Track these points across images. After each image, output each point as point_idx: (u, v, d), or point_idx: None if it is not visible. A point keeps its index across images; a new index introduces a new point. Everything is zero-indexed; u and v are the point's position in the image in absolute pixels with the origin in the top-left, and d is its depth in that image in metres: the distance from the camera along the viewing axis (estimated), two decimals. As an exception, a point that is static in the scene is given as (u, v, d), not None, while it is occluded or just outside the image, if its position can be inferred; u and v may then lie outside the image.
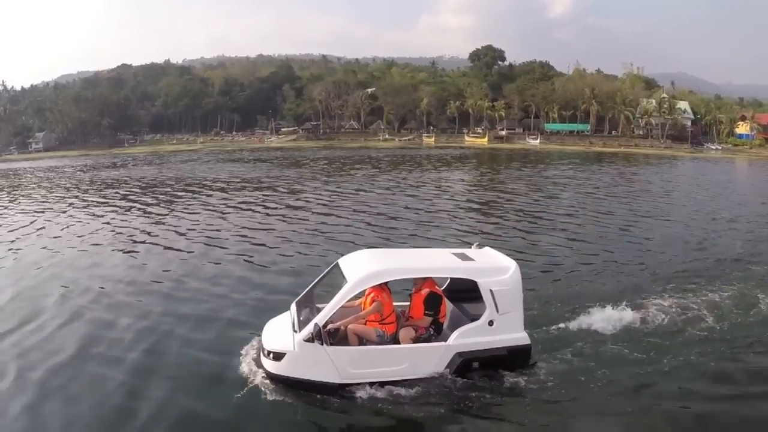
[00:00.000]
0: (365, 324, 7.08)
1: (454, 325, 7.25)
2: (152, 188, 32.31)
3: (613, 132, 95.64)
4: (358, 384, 6.72)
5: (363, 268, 7.18)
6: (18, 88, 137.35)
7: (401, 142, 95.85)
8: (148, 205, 24.67)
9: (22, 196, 30.88)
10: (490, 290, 6.99)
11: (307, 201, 24.74)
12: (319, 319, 6.66)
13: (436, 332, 7.20)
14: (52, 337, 8.81)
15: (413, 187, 30.30)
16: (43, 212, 23.15)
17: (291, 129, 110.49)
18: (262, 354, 7.16)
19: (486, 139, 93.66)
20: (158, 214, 21.64)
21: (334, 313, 6.86)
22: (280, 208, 22.54)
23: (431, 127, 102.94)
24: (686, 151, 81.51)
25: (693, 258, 13.54)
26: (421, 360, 6.90)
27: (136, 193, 29.98)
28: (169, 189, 31.56)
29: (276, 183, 33.30)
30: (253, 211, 21.97)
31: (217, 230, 17.82)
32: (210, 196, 27.54)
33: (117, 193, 30.23)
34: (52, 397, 6.94)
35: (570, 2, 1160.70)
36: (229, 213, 21.48)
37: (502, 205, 23.76)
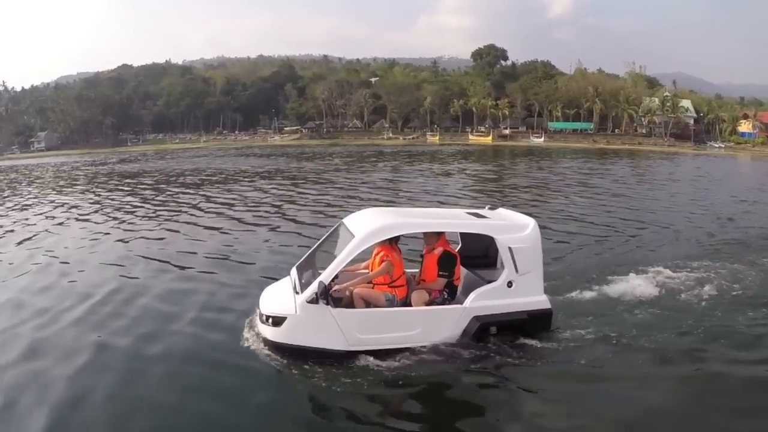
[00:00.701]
0: (373, 288, 6.46)
1: (469, 289, 6.63)
2: (184, 177, 32.95)
3: (616, 130, 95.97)
4: (367, 351, 6.11)
5: (372, 222, 6.60)
6: (18, 88, 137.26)
7: (405, 140, 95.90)
8: (195, 186, 25.76)
9: (53, 188, 29.28)
10: (509, 248, 6.44)
11: (341, 186, 25.91)
12: (324, 276, 6.03)
13: (450, 296, 6.61)
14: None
15: (446, 176, 31.17)
16: (83, 202, 22.13)
17: (294, 128, 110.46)
18: (259, 320, 6.48)
19: (490, 137, 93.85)
20: (213, 196, 22.31)
21: (340, 273, 6.28)
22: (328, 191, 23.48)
23: (435, 126, 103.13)
24: (690, 148, 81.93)
25: (717, 233, 13.65)
26: (436, 324, 6.33)
27: (177, 180, 30.40)
28: (203, 177, 32.23)
29: (305, 173, 33.74)
30: (301, 195, 22.33)
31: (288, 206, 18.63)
32: (251, 181, 28.44)
33: (161, 181, 30.57)
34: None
35: (569, 2, 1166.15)
36: (280, 196, 21.99)
37: (547, 188, 24.46)
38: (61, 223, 16.54)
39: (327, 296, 5.92)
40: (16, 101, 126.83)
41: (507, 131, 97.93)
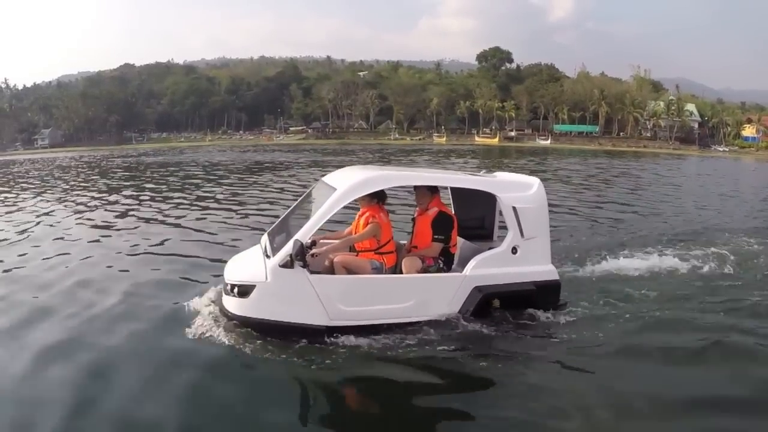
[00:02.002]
0: (357, 255, 5.60)
1: (467, 259, 5.77)
2: (225, 167, 33.14)
3: (621, 133, 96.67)
4: (350, 328, 5.15)
5: (356, 174, 5.76)
6: (20, 87, 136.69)
7: (413, 141, 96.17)
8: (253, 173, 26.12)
9: (84, 182, 26.37)
10: (513, 207, 5.69)
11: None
12: (301, 234, 5.04)
13: (446, 265, 5.73)
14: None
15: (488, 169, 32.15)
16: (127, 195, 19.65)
17: (299, 128, 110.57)
18: (223, 292, 5.48)
19: (497, 139, 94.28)
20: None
21: (317, 241, 5.50)
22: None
23: (441, 127, 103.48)
24: (695, 151, 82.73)
25: (729, 217, 13.80)
26: (431, 295, 5.43)
27: (222, 172, 30.24)
28: (242, 168, 32.38)
29: (356, 162, 34.05)
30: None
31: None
32: (303, 168, 28.97)
33: (207, 171, 30.63)
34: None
35: (571, 7, 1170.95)
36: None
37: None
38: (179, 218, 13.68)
39: (304, 258, 4.90)
40: (18, 99, 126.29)
41: (513, 133, 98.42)
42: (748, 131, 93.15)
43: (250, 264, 5.47)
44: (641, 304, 6.38)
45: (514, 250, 5.71)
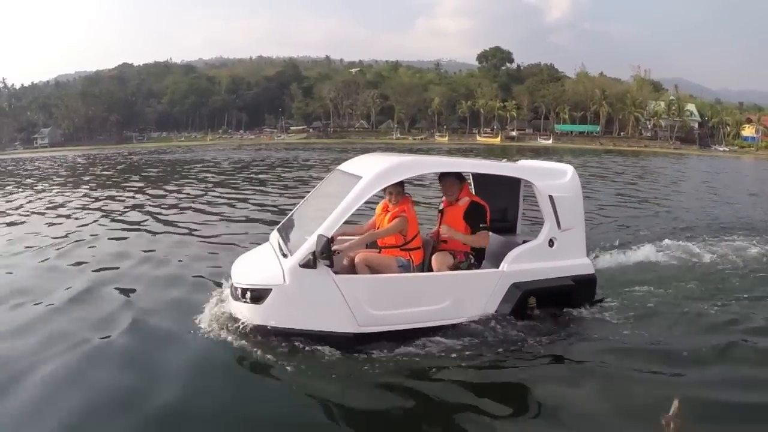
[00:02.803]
0: (380, 252, 5.11)
1: (497, 254, 5.35)
2: (255, 164, 33.32)
3: (621, 133, 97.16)
4: (381, 334, 4.58)
5: (382, 160, 5.20)
6: (18, 86, 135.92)
7: (414, 140, 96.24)
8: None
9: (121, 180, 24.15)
10: (550, 196, 5.29)
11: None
12: (325, 228, 4.44)
13: (477, 261, 5.26)
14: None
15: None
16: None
17: (300, 128, 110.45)
18: (231, 296, 4.84)
19: (498, 138, 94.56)
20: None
21: (335, 236, 4.70)
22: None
23: (443, 127, 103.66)
24: (696, 151, 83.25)
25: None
26: (469, 294, 4.94)
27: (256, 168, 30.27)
28: (265, 165, 32.28)
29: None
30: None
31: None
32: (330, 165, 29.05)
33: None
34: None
35: (567, 7, 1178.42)
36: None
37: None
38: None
39: (331, 256, 4.30)
40: (17, 98, 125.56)
41: (514, 133, 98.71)
42: (748, 131, 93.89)
43: (263, 264, 4.88)
44: (681, 298, 5.97)
45: (550, 243, 5.29)
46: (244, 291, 4.62)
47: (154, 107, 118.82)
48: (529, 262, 5.17)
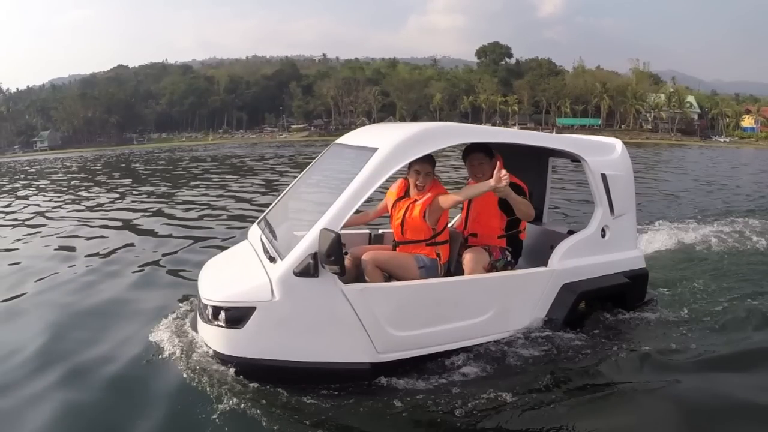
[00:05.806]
0: (396, 250, 3.89)
1: (538, 248, 4.47)
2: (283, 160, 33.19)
3: (622, 126, 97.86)
4: (403, 361, 3.44)
5: (401, 129, 3.71)
6: (13, 89, 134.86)
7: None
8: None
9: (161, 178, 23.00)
10: (603, 174, 4.27)
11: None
12: (330, 221, 3.21)
13: (514, 258, 4.19)
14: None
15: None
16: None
17: (301, 126, 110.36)
18: (200, 318, 3.55)
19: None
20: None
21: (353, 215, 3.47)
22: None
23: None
24: (697, 142, 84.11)
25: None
26: (515, 301, 3.85)
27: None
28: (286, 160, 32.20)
29: None
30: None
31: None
32: None
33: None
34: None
35: (560, 1, 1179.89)
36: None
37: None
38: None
39: (341, 258, 3.04)
40: (14, 102, 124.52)
41: (516, 127, 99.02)
42: (747, 122, 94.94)
43: (242, 273, 3.62)
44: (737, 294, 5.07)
45: (602, 233, 4.28)
46: (217, 310, 3.32)
47: (152, 108, 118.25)
48: (581, 257, 4.12)
